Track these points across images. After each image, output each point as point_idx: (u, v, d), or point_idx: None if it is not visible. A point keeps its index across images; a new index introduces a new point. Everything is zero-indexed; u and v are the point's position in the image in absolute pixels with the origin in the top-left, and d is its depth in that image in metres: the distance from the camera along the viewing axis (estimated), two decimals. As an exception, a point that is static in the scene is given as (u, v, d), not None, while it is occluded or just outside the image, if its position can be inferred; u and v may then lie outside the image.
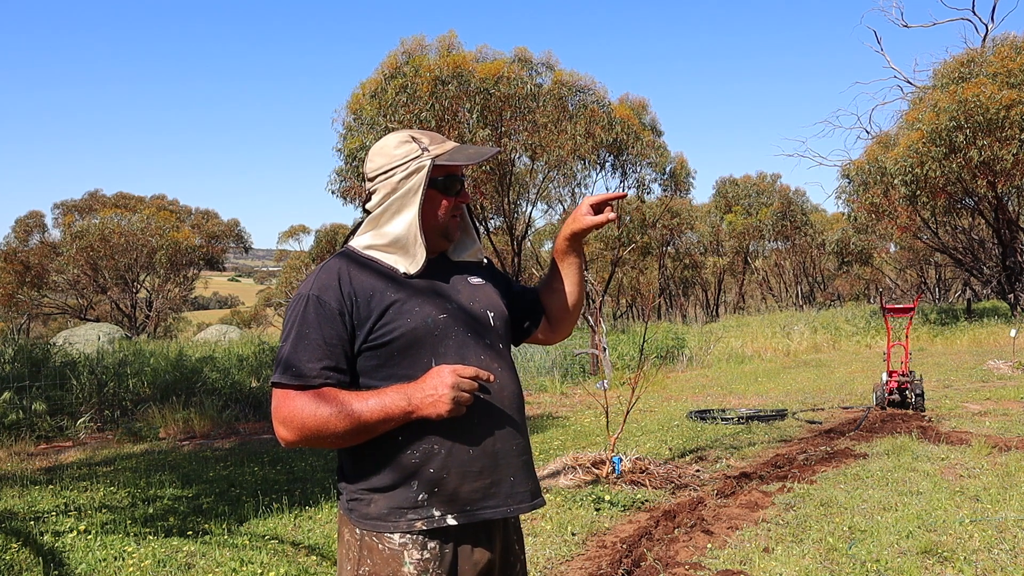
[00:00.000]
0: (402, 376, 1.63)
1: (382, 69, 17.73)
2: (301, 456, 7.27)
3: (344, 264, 1.70)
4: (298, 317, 1.64)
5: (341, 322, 1.63)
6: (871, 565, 3.79)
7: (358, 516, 1.65)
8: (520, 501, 1.71)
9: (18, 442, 8.23)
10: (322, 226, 36.26)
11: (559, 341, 2.03)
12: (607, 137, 18.45)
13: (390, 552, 1.61)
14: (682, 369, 15.19)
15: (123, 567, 4.08)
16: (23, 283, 28.62)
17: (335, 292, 1.64)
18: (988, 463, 5.78)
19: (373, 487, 1.64)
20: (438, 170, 1.73)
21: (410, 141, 1.74)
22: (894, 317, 9.15)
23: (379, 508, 1.63)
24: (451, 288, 1.75)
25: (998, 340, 16.37)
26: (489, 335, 1.76)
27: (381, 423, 1.58)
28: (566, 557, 4.18)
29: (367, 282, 1.67)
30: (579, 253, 1.92)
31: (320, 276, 1.68)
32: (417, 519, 1.61)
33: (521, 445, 1.74)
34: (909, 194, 19.09)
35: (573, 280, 1.93)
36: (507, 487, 1.69)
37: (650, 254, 34.29)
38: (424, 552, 1.61)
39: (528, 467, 1.76)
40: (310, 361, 1.60)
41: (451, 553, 1.64)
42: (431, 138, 1.76)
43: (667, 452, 6.86)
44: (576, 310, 1.96)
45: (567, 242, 1.89)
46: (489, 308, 1.79)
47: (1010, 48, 18.89)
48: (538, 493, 1.78)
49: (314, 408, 1.57)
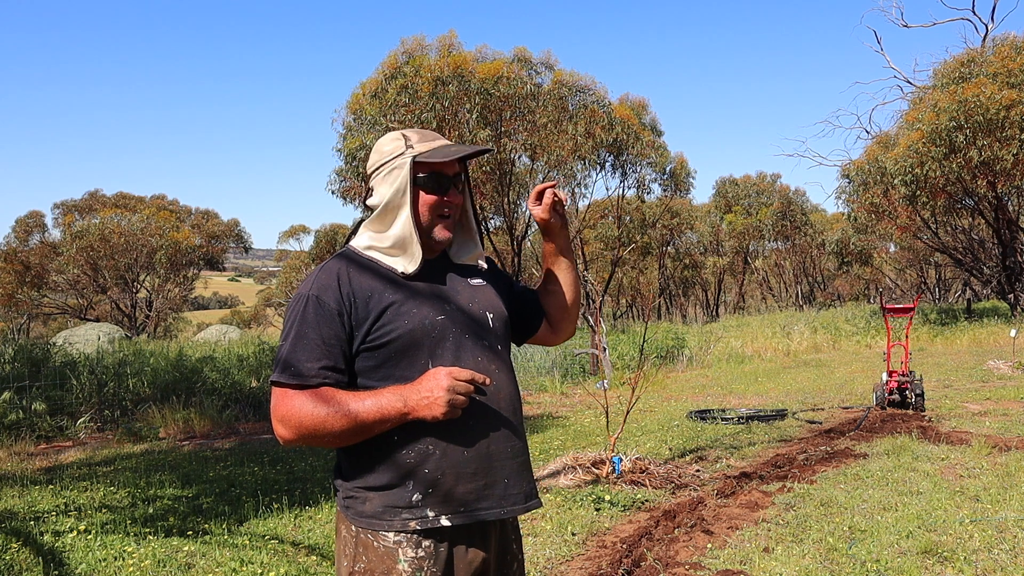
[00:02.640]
0: (399, 377, 1.64)
1: (382, 69, 17.73)
2: (301, 456, 7.27)
3: (344, 265, 1.71)
4: (297, 317, 1.66)
5: (340, 322, 1.64)
6: (871, 565, 3.79)
7: (354, 514, 1.67)
8: (514, 503, 1.72)
9: (18, 442, 8.23)
10: (322, 226, 36.29)
11: (562, 342, 2.04)
12: (607, 137, 18.44)
13: (385, 550, 1.63)
14: (682, 369, 15.19)
15: (123, 567, 4.08)
16: (23, 283, 28.61)
17: (334, 292, 1.65)
18: (988, 463, 5.78)
19: (369, 485, 1.65)
20: (422, 168, 1.73)
21: (399, 139, 1.76)
22: (894, 317, 9.15)
23: (374, 506, 1.64)
24: (450, 290, 1.76)
25: (998, 340, 16.37)
26: (488, 337, 1.76)
27: (377, 423, 1.59)
28: (566, 557, 4.18)
29: (366, 283, 1.68)
30: (561, 252, 1.91)
31: (320, 276, 1.69)
32: (411, 519, 1.62)
33: (516, 447, 1.75)
34: (909, 194, 19.08)
35: (566, 279, 1.93)
36: (501, 488, 1.69)
37: (650, 254, 34.29)
38: (419, 550, 1.63)
39: (524, 469, 1.76)
40: (308, 361, 1.61)
41: (446, 552, 1.64)
42: (421, 136, 1.76)
43: (667, 452, 6.86)
44: (574, 309, 1.96)
45: (546, 244, 1.92)
46: (488, 310, 1.79)
47: (1010, 48, 18.88)
48: (533, 495, 1.78)
49: (312, 407, 1.58)
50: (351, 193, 19.00)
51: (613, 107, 19.04)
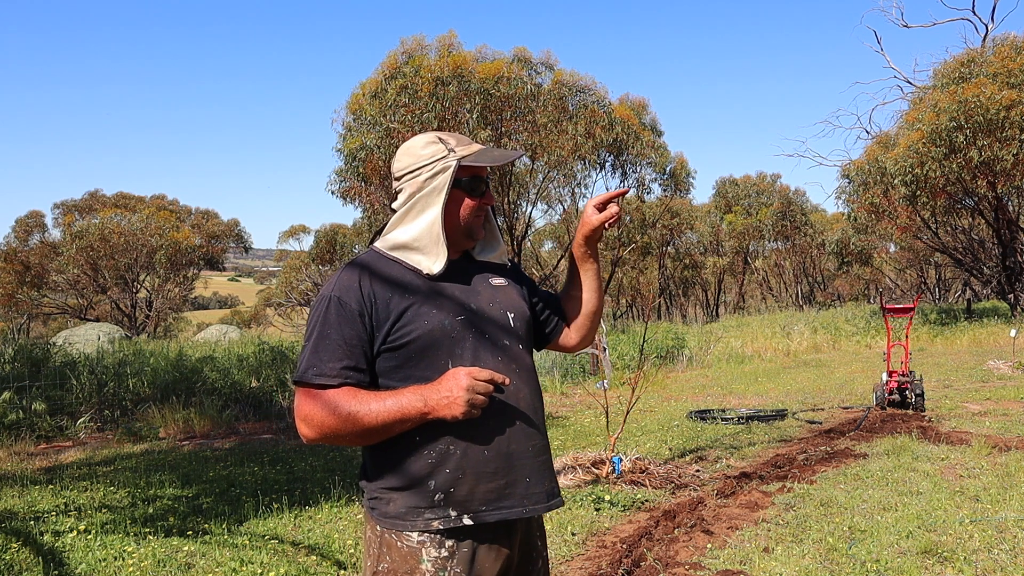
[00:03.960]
0: (419, 377, 1.66)
1: (382, 69, 17.73)
2: (301, 456, 7.27)
3: (366, 265, 1.74)
4: (320, 318, 1.68)
5: (361, 323, 1.66)
6: (871, 565, 3.79)
7: (379, 515, 1.69)
8: (536, 502, 1.73)
9: (18, 442, 8.23)
10: (322, 226, 36.26)
11: (581, 349, 2.05)
12: (607, 137, 18.46)
13: (408, 550, 1.65)
14: (682, 369, 15.19)
15: (123, 567, 4.08)
16: (23, 283, 28.61)
17: (355, 293, 1.67)
18: (988, 463, 5.78)
19: (392, 486, 1.68)
20: (463, 171, 1.76)
21: (437, 142, 1.77)
22: (894, 317, 9.15)
23: (397, 507, 1.66)
24: (472, 290, 1.78)
25: (998, 340, 16.37)
26: (508, 337, 1.77)
27: (398, 423, 1.61)
28: (566, 557, 4.18)
29: (387, 284, 1.70)
30: (594, 258, 1.93)
31: (342, 277, 1.72)
32: (434, 519, 1.64)
33: (537, 446, 1.76)
34: (909, 194, 19.08)
35: (591, 287, 1.95)
36: (523, 488, 1.71)
37: (650, 254, 34.30)
38: (442, 550, 1.65)
39: (545, 467, 1.78)
40: (331, 361, 1.64)
41: (469, 551, 1.66)
42: (457, 140, 1.79)
43: (667, 452, 6.86)
44: (595, 317, 1.97)
45: (580, 248, 1.92)
46: (509, 310, 1.80)
47: (1010, 48, 18.88)
48: (556, 493, 1.80)
49: (333, 407, 1.60)
50: (351, 193, 18.99)
51: (613, 107, 19.05)
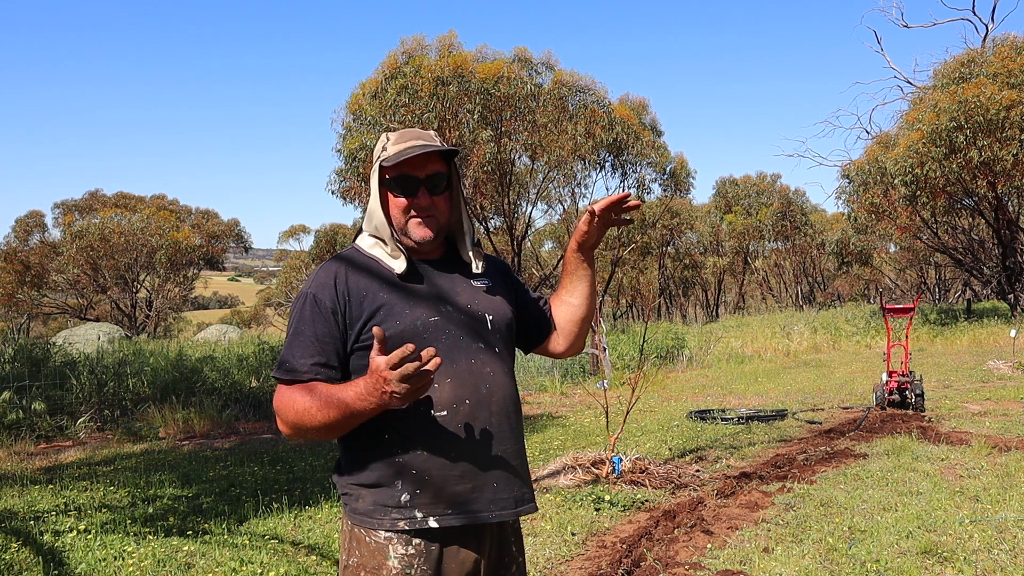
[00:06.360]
0: None
1: (382, 69, 17.73)
2: (301, 456, 7.27)
3: (343, 263, 1.73)
4: (296, 314, 1.69)
5: (334, 320, 1.67)
6: (871, 565, 3.79)
7: (349, 510, 1.70)
8: (503, 507, 1.70)
9: (18, 442, 8.23)
10: (322, 226, 36.30)
11: (570, 356, 2.02)
12: (607, 137, 18.46)
13: (376, 545, 1.65)
14: (682, 369, 15.19)
15: (123, 567, 4.08)
16: (23, 283, 28.61)
17: (330, 291, 1.68)
18: (988, 463, 5.78)
19: (361, 483, 1.68)
20: (391, 170, 1.73)
21: (384, 140, 1.78)
22: (894, 317, 9.15)
23: (366, 504, 1.67)
24: (450, 290, 1.76)
25: (998, 340, 16.37)
26: (486, 338, 1.75)
27: (356, 415, 1.57)
28: (566, 557, 4.18)
29: (362, 282, 1.70)
30: (587, 265, 1.89)
31: (319, 275, 1.72)
32: (400, 519, 1.64)
33: (509, 451, 1.73)
34: (909, 194, 19.08)
35: (582, 294, 1.92)
36: (490, 492, 1.68)
37: (650, 254, 34.29)
38: (409, 548, 1.65)
39: (517, 473, 1.74)
40: (302, 357, 1.65)
41: (436, 551, 1.66)
42: (399, 137, 1.77)
43: (667, 452, 6.86)
44: (584, 324, 1.94)
45: (574, 254, 1.88)
46: (489, 311, 1.78)
47: (1010, 48, 18.88)
48: (525, 500, 1.75)
49: (298, 400, 1.61)
50: (351, 193, 19.00)
51: (613, 107, 19.05)
